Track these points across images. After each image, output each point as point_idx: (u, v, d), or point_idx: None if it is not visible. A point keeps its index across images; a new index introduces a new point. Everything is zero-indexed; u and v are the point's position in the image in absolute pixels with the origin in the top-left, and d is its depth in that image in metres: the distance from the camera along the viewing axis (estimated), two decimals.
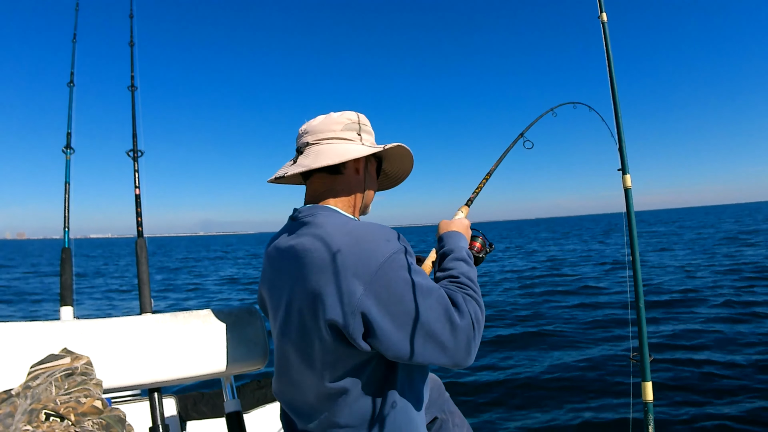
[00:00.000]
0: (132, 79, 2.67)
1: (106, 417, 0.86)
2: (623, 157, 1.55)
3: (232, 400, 1.38)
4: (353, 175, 1.13)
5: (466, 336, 0.94)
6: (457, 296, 0.98)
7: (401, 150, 1.19)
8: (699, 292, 8.33)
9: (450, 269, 1.09)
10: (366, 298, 0.90)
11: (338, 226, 0.99)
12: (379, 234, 0.97)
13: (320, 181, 1.12)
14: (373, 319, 0.90)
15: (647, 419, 1.43)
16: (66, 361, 0.98)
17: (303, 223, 1.04)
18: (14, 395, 0.87)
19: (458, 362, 0.95)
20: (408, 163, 1.27)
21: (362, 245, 0.94)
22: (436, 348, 0.92)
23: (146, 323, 1.27)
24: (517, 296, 9.49)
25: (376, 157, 1.21)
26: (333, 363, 0.96)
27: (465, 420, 1.39)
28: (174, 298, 12.30)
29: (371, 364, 0.98)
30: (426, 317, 0.91)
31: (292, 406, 1.09)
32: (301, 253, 0.98)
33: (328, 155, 1.07)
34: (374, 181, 1.22)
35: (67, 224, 2.71)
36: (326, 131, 1.11)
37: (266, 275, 1.13)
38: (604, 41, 1.61)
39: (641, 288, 1.48)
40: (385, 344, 0.91)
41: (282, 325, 1.04)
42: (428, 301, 0.93)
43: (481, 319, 0.99)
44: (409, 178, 1.32)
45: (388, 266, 0.92)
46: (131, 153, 2.48)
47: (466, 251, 1.16)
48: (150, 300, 2.18)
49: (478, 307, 1.00)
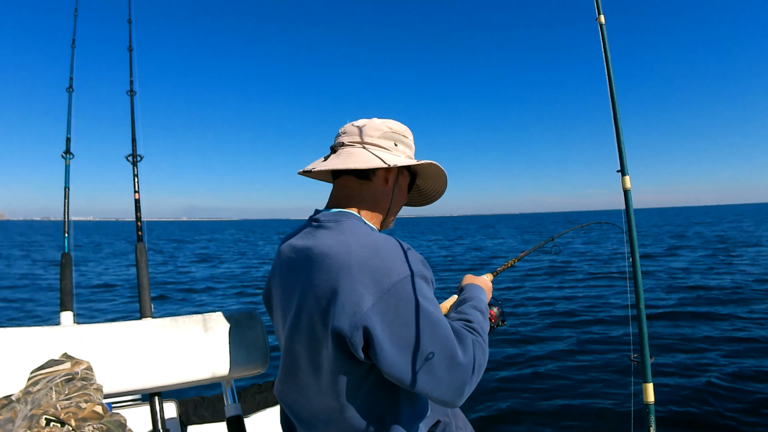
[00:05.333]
0: (131, 83, 2.67)
1: (106, 422, 0.86)
2: (622, 159, 1.55)
3: (232, 404, 1.38)
4: (381, 184, 1.11)
5: (462, 377, 0.92)
6: (466, 338, 0.96)
7: (434, 168, 1.17)
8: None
9: (465, 314, 1.08)
10: (372, 313, 0.88)
11: (360, 236, 0.97)
12: (400, 253, 0.94)
13: (347, 183, 1.11)
14: (375, 335, 0.88)
15: (648, 421, 1.43)
16: (66, 366, 0.98)
17: (324, 227, 1.03)
18: (14, 401, 0.87)
19: (447, 401, 0.93)
20: (442, 183, 1.25)
21: (379, 260, 0.92)
22: (430, 381, 0.90)
23: (146, 328, 1.27)
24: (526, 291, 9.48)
25: (411, 172, 1.20)
26: (338, 371, 0.95)
27: (468, 422, 1.38)
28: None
29: (372, 378, 0.97)
30: (427, 348, 0.89)
31: (293, 409, 1.08)
32: (318, 257, 0.97)
33: (357, 159, 1.06)
34: (404, 194, 1.19)
35: (67, 230, 2.70)
36: (363, 135, 1.10)
37: (278, 272, 1.11)
38: (602, 43, 1.61)
39: (642, 289, 1.48)
40: (381, 363, 0.90)
41: (292, 326, 1.03)
42: (433, 332, 0.91)
43: (482, 367, 0.97)
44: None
45: (401, 286, 0.90)
46: (131, 158, 2.48)
47: (485, 305, 1.15)
48: (150, 305, 2.18)
49: (483, 355, 0.98)
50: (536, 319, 7.33)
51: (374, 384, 0.97)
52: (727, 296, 7.96)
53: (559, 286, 10.41)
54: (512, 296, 9.58)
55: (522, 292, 10.11)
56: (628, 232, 1.52)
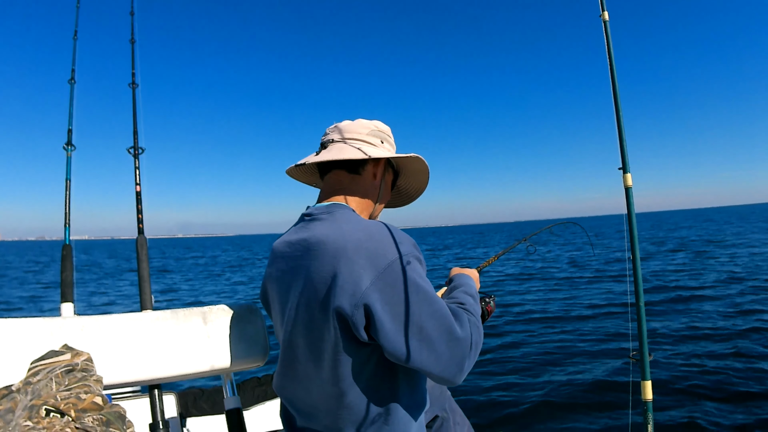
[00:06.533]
0: (133, 76, 2.67)
1: (106, 413, 0.86)
2: (624, 156, 1.54)
3: (232, 397, 1.38)
4: (370, 179, 1.16)
5: (462, 351, 0.95)
6: (462, 314, 1.00)
7: (419, 165, 1.21)
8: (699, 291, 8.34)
9: (457, 298, 1.11)
10: (371, 291, 0.91)
11: (353, 222, 1.01)
12: (394, 235, 0.98)
13: (338, 178, 1.15)
14: (375, 313, 0.91)
15: (647, 418, 1.43)
16: (66, 358, 0.98)
17: (318, 219, 1.05)
18: (15, 391, 0.87)
19: (448, 376, 0.95)
20: (423, 180, 1.29)
21: (375, 242, 0.95)
22: (430, 355, 0.93)
23: (147, 320, 1.27)
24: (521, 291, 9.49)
25: (393, 170, 1.24)
26: (339, 356, 0.96)
27: (466, 418, 1.39)
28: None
29: (373, 363, 0.98)
30: (425, 323, 0.92)
31: (292, 402, 1.09)
32: (314, 245, 0.99)
33: (349, 152, 1.11)
34: (388, 192, 1.24)
35: (68, 221, 2.71)
36: (353, 132, 1.15)
37: (273, 269, 1.13)
38: (606, 40, 1.61)
39: (641, 287, 1.48)
40: (383, 340, 0.92)
41: (291, 318, 1.04)
42: (431, 308, 0.93)
43: (479, 344, 1.00)
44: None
45: (396, 265, 0.93)
46: (132, 150, 2.48)
47: (475, 290, 1.18)
48: (150, 297, 2.18)
49: (478, 334, 1.01)
50: (541, 313, 7.34)
51: (375, 370, 0.99)
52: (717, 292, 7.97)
53: (553, 288, 10.41)
54: (512, 298, 9.60)
55: (522, 292, 10.13)
56: (629, 230, 1.52)
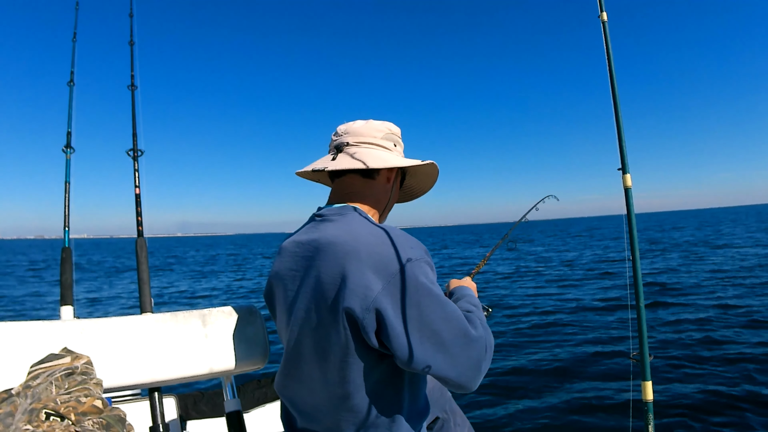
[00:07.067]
0: (132, 78, 2.67)
1: (106, 416, 0.86)
2: (623, 156, 1.54)
3: (232, 399, 1.38)
4: (384, 183, 1.16)
5: (478, 352, 0.95)
6: (473, 317, 1.01)
7: (431, 169, 1.22)
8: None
9: (463, 307, 1.11)
10: (383, 296, 0.91)
11: (365, 226, 1.01)
12: (405, 240, 0.98)
13: (352, 182, 1.14)
14: (387, 318, 0.90)
15: (647, 419, 1.43)
16: (66, 361, 0.98)
17: (329, 220, 1.05)
18: (14, 395, 0.87)
19: (464, 381, 0.95)
20: (430, 182, 1.30)
21: (386, 246, 0.95)
22: (447, 359, 0.92)
23: (146, 323, 1.27)
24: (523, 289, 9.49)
25: (402, 171, 1.24)
26: (346, 360, 0.96)
27: (466, 419, 1.39)
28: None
29: (380, 368, 0.98)
30: (439, 327, 0.92)
31: (294, 403, 1.09)
32: (325, 246, 0.99)
33: (375, 160, 1.10)
34: (398, 192, 1.24)
35: (67, 224, 2.71)
36: (367, 136, 1.14)
37: (280, 267, 1.12)
38: (605, 40, 1.61)
39: (641, 288, 1.48)
40: (395, 346, 0.91)
41: (298, 317, 1.04)
42: (444, 311, 0.93)
43: (492, 347, 1.00)
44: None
45: (409, 270, 0.92)
46: (131, 152, 2.47)
47: (477, 300, 1.19)
48: (150, 299, 2.18)
49: (490, 336, 1.02)
50: (528, 318, 7.34)
51: (382, 376, 0.98)
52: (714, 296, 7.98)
53: (552, 287, 10.41)
54: (512, 300, 9.60)
55: (520, 292, 10.13)
56: (628, 231, 1.52)
